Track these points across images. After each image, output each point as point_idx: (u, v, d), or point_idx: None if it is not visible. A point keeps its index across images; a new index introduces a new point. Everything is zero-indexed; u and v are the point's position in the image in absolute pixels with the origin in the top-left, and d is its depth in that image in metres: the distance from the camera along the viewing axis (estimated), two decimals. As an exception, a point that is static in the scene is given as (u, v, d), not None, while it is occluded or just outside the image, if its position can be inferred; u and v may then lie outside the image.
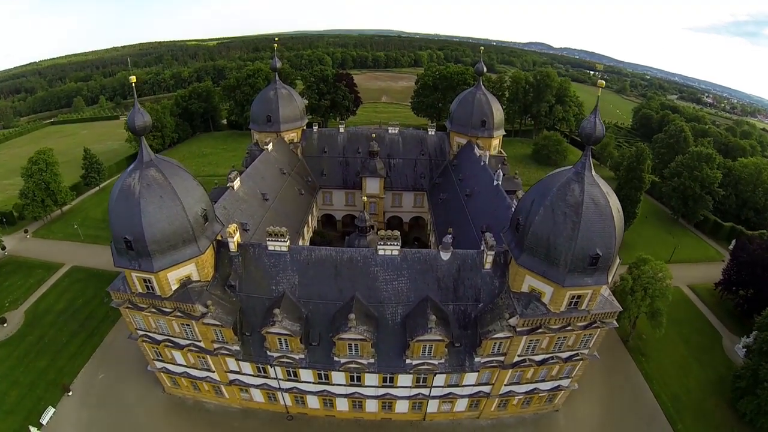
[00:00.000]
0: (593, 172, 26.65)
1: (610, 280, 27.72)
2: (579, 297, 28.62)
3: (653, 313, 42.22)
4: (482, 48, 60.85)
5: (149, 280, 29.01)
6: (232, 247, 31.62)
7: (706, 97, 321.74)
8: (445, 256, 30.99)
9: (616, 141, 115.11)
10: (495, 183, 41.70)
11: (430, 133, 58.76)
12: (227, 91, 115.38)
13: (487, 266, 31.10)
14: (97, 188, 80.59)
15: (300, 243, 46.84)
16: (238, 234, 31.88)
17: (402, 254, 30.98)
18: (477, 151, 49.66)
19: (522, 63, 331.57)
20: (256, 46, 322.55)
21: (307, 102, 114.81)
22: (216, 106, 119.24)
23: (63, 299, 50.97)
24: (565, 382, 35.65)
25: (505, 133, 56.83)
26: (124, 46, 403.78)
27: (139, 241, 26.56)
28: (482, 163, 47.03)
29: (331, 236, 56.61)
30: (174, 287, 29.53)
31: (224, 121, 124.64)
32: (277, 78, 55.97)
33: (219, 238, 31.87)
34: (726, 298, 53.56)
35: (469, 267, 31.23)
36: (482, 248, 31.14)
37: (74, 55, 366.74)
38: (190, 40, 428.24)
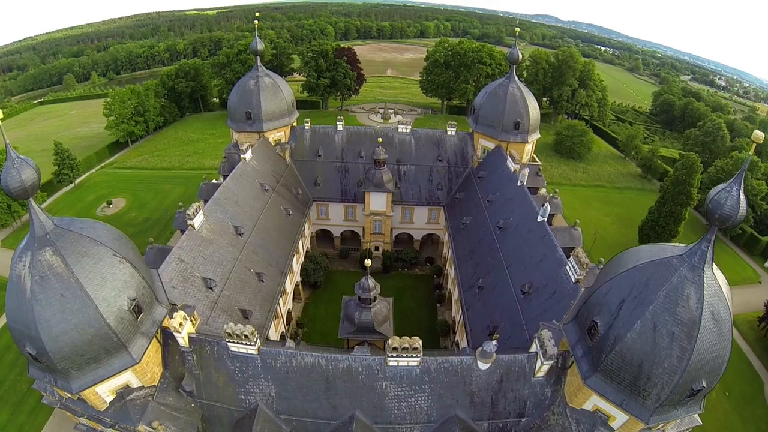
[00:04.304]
0: (714, 266, 16.39)
1: (703, 407, 18.68)
2: (656, 421, 19.12)
3: None
4: (518, 30, 47.34)
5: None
6: (182, 342, 21.01)
7: (719, 79, 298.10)
8: (483, 365, 20.29)
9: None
10: (540, 219, 30.16)
11: (449, 133, 46.30)
12: (217, 68, 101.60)
13: (540, 375, 20.73)
14: (72, 185, 69.21)
15: (288, 280, 36.00)
16: (188, 324, 21.11)
17: (423, 365, 20.18)
18: (510, 165, 37.69)
19: (531, 36, 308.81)
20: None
21: (304, 80, 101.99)
22: (205, 85, 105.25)
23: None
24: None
25: (539, 135, 44.58)
26: (121, 18, 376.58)
27: (43, 356, 17.19)
28: (519, 184, 35.26)
29: (325, 262, 45.35)
30: (109, 399, 20.23)
31: (215, 99, 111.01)
32: (258, 63, 43.21)
33: (166, 324, 21.14)
34: None
35: (515, 377, 20.76)
36: (535, 350, 20.61)
37: (70, 28, 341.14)
38: (189, 10, 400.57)
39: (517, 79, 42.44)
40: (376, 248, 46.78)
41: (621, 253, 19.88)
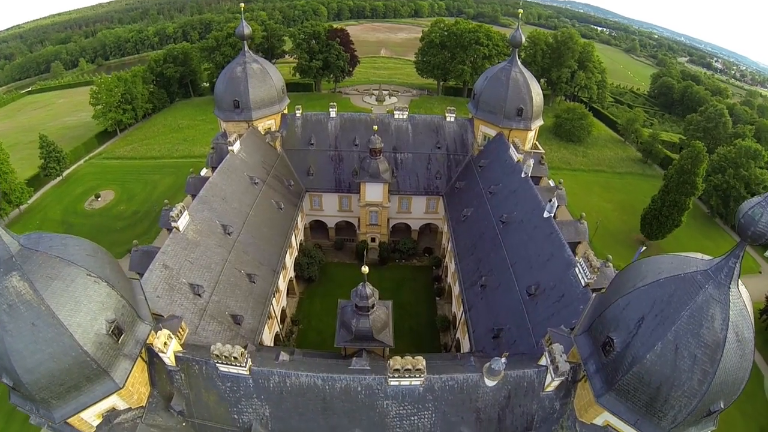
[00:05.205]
0: (740, 282, 14.93)
1: (716, 423, 17.67)
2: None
3: None
4: (521, 11, 44.28)
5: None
6: (168, 362, 19.23)
7: (716, 61, 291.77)
8: (490, 382, 18.68)
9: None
10: (547, 215, 28.16)
11: (448, 119, 43.76)
12: (206, 52, 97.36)
13: (549, 389, 19.29)
14: (60, 178, 66.26)
15: (281, 278, 34.09)
16: (174, 342, 19.23)
17: (426, 383, 18.46)
18: (514, 155, 35.42)
19: (526, 15, 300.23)
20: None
21: (296, 62, 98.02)
22: (195, 69, 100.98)
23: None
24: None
25: (542, 121, 42.17)
26: (109, 2, 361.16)
27: (20, 387, 15.80)
28: (523, 175, 33.10)
29: (319, 255, 43.36)
30: (96, 423, 18.78)
31: (206, 84, 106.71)
32: (246, 49, 40.19)
33: (151, 340, 19.24)
34: None
35: (524, 393, 19.28)
36: (545, 364, 19.03)
37: (58, 14, 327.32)
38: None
39: (519, 63, 39.76)
40: (373, 239, 44.81)
41: (638, 263, 18.26)
